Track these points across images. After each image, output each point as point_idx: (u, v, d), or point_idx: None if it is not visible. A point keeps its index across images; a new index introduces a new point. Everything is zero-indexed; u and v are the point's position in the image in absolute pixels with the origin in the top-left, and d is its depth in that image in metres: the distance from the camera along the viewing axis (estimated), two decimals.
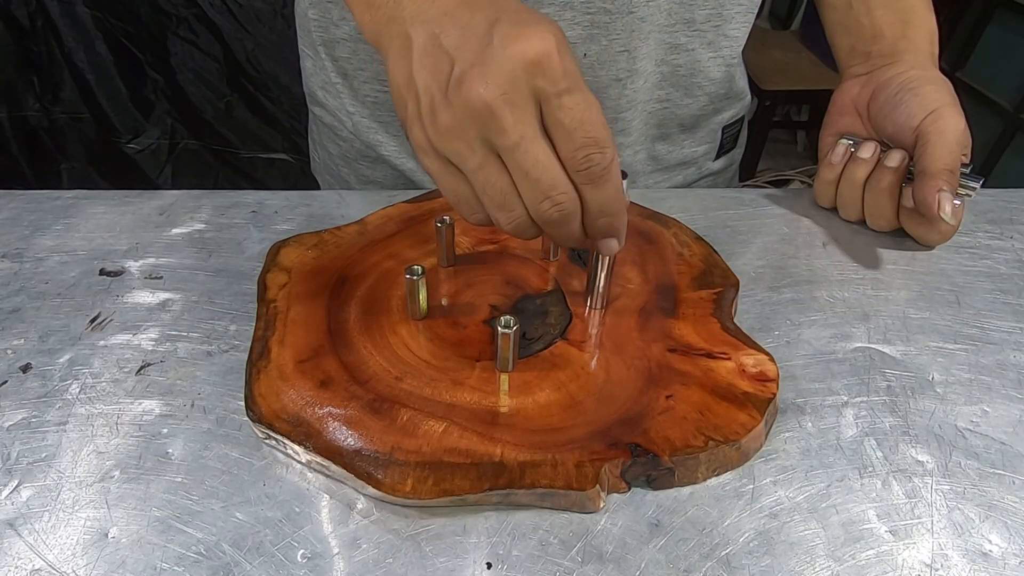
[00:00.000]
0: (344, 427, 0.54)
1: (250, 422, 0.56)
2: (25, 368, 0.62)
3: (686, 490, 0.53)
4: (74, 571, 0.47)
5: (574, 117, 0.51)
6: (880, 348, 0.65)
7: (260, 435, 0.56)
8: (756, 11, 0.96)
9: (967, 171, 0.75)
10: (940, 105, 0.77)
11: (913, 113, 0.78)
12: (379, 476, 0.50)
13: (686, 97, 0.97)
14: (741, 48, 0.98)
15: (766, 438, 0.57)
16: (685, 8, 0.87)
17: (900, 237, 0.81)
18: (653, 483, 0.53)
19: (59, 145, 2.78)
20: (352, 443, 0.53)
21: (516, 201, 0.54)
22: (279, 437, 0.53)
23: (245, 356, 0.61)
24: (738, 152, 1.15)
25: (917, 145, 0.76)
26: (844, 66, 0.93)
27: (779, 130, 4.02)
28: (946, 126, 0.75)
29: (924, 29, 0.87)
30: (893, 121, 0.80)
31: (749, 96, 1.09)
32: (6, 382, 0.61)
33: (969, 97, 2.81)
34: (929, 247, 0.80)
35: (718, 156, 1.09)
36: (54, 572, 0.47)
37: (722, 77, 0.97)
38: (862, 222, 0.83)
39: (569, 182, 0.53)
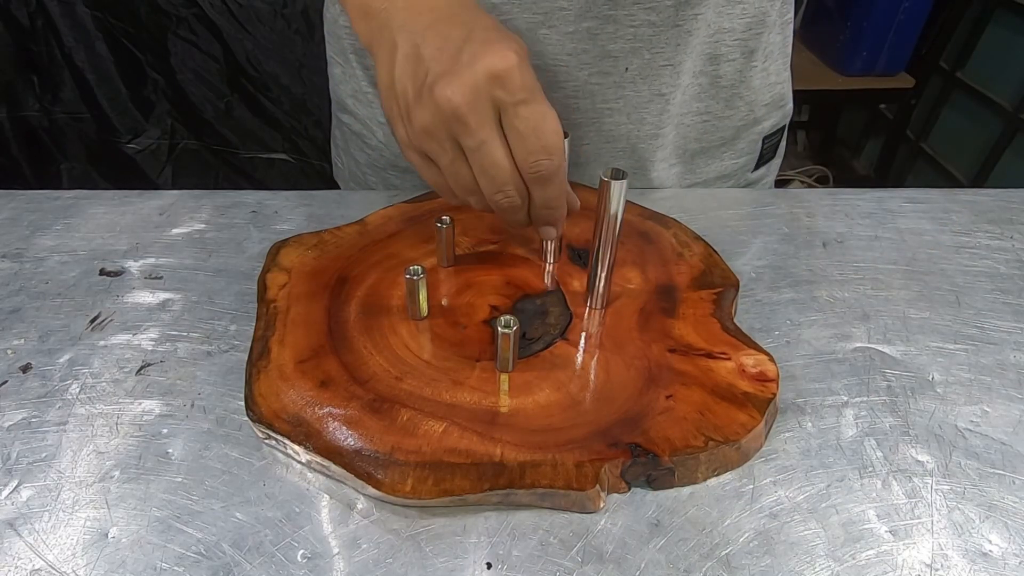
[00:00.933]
0: (344, 427, 0.54)
1: (250, 422, 0.56)
2: (25, 368, 0.63)
3: (686, 490, 0.53)
4: (74, 571, 0.47)
5: (528, 126, 0.59)
6: (880, 348, 0.65)
7: (260, 435, 0.56)
8: (793, 14, 0.94)
9: None
10: None
11: None
12: (379, 476, 0.50)
13: (727, 109, 0.94)
14: (784, 54, 0.96)
15: (766, 438, 0.57)
16: (724, 17, 0.84)
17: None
18: (653, 483, 0.53)
19: (59, 145, 2.77)
20: (352, 443, 0.53)
21: (479, 189, 0.64)
22: (279, 437, 0.53)
23: (245, 356, 0.61)
24: (777, 162, 1.11)
25: None
26: None
27: None
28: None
29: None
30: None
31: (791, 104, 1.05)
32: (6, 382, 0.61)
33: (969, 97, 2.81)
34: None
35: (757, 167, 1.05)
36: (54, 572, 0.47)
37: (763, 86, 0.95)
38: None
39: (520, 180, 0.62)
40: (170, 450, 0.55)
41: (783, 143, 1.09)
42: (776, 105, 1.00)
